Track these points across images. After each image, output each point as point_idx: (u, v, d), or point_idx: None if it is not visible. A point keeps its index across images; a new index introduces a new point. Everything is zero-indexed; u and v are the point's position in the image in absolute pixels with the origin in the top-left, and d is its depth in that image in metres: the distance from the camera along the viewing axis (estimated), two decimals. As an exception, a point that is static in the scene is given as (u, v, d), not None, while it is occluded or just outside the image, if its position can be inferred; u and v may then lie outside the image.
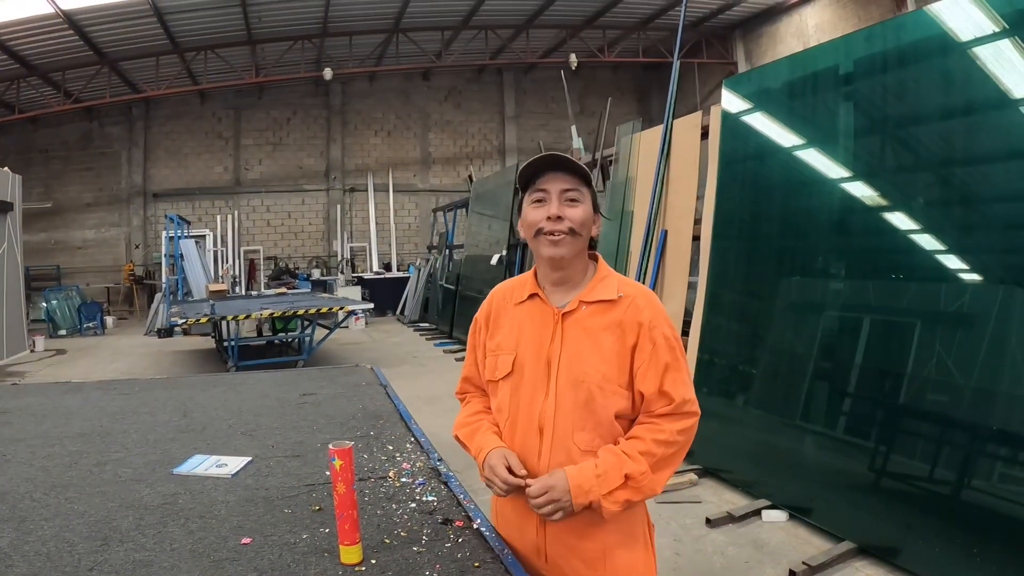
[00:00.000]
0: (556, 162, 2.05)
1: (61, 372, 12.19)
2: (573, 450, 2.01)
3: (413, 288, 19.51)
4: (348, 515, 1.86)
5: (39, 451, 3.06)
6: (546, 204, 2.03)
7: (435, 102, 24.21)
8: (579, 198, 2.03)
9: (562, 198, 2.02)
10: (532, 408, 2.07)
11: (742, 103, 6.38)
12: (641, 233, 7.80)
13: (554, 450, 2.02)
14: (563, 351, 2.04)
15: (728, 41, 20.75)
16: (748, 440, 5.75)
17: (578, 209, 2.02)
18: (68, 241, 21.97)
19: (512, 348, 2.13)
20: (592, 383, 2.00)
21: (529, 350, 2.10)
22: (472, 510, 2.23)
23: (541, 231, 2.03)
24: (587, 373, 2.00)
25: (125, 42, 17.15)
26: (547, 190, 2.03)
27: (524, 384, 2.09)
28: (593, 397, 2.00)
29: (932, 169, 4.71)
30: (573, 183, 2.03)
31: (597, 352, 2.01)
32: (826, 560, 4.38)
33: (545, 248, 2.04)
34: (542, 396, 2.05)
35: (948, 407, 4.32)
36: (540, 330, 2.09)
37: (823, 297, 5.32)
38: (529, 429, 2.07)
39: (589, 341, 2.03)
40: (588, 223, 2.06)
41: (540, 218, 2.03)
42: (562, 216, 2.00)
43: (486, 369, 2.21)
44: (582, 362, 2.02)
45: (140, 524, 2.20)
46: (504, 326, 2.19)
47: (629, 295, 2.05)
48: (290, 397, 4.03)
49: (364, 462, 2.74)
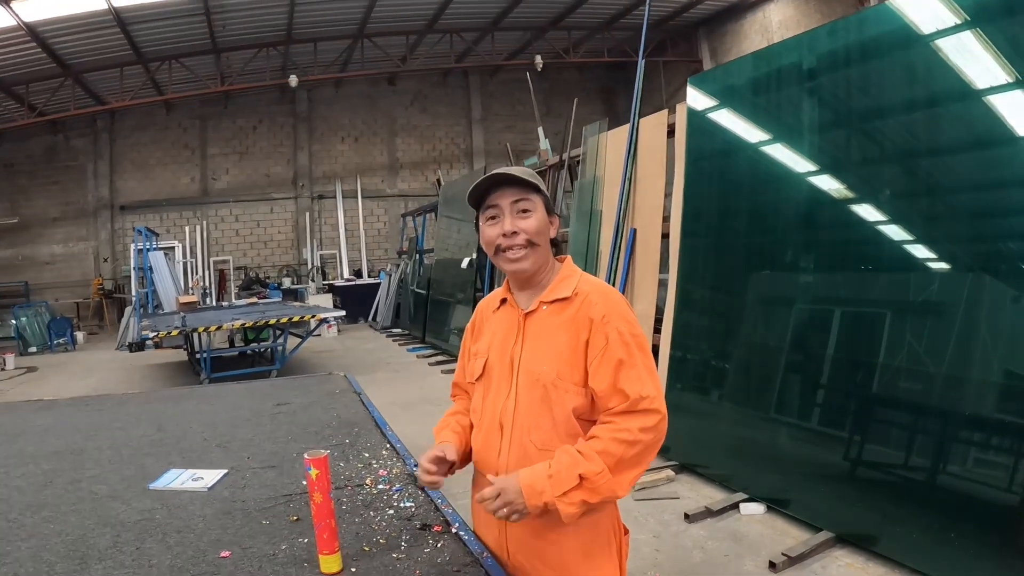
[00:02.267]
0: (501, 179, 2.06)
1: (33, 390, 12.03)
2: (530, 448, 2.01)
3: (384, 294, 19.46)
4: (326, 524, 1.86)
5: (13, 471, 3.04)
6: (499, 220, 2.05)
7: (401, 107, 24.13)
8: (530, 207, 2.05)
9: (514, 211, 2.04)
10: (495, 407, 2.10)
11: (708, 100, 6.43)
12: (610, 232, 7.83)
13: (512, 448, 2.03)
14: (523, 351, 2.07)
15: (693, 39, 20.84)
16: (724, 435, 5.80)
17: (531, 219, 2.04)
18: (36, 256, 21.62)
19: (485, 351, 2.18)
20: (547, 381, 2.00)
21: (497, 352, 2.14)
22: (450, 515, 2.24)
23: (499, 248, 2.06)
24: (542, 371, 2.01)
25: (88, 53, 16.94)
26: (498, 205, 2.05)
27: (492, 385, 2.14)
28: (548, 395, 2.00)
29: (897, 161, 4.78)
30: (522, 193, 2.05)
31: (552, 350, 2.02)
32: (805, 551, 4.43)
33: (507, 264, 2.08)
34: (504, 395, 2.08)
35: (921, 395, 4.39)
36: (507, 332, 2.14)
37: (793, 290, 5.38)
38: (492, 428, 2.10)
39: (545, 340, 2.04)
40: (544, 230, 2.07)
41: (496, 235, 2.05)
42: (516, 231, 2.03)
43: (467, 373, 2.27)
44: (539, 361, 2.03)
45: (118, 541, 2.18)
46: (483, 332, 2.25)
47: (583, 292, 2.05)
48: (264, 408, 4.02)
49: (340, 470, 2.74)
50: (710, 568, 4.47)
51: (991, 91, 4.12)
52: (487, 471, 2.09)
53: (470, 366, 2.25)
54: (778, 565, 4.32)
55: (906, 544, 4.19)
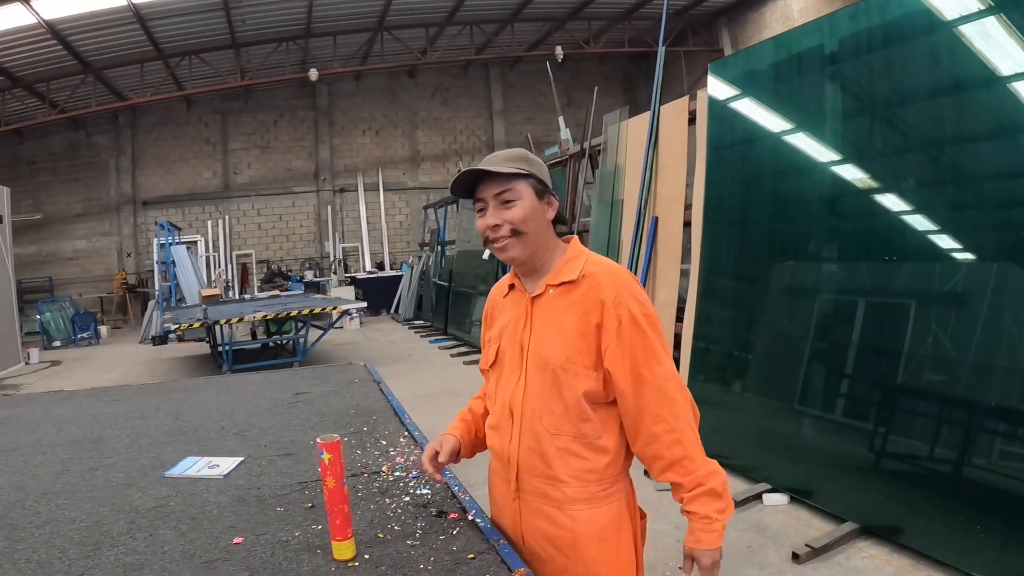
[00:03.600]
0: (477, 175, 2.04)
1: (56, 383, 12.12)
2: (541, 433, 2.00)
3: (406, 286, 19.49)
4: (339, 510, 1.83)
5: (31, 459, 3.03)
6: (485, 212, 2.04)
7: (422, 99, 24.13)
8: (513, 197, 2.00)
9: (497, 202, 2.01)
10: (506, 393, 2.09)
11: (728, 87, 6.35)
12: (632, 221, 7.77)
13: (523, 434, 2.03)
14: (532, 335, 2.05)
15: (714, 28, 20.70)
16: (747, 425, 5.73)
17: (515, 208, 2.00)
18: (59, 252, 21.85)
19: (497, 338, 2.18)
20: (556, 365, 1.98)
21: (508, 338, 2.13)
22: (467, 502, 2.20)
23: (488, 239, 2.05)
24: (552, 355, 1.99)
25: (109, 50, 17.04)
26: (483, 198, 2.03)
27: (504, 371, 2.13)
28: (558, 379, 1.98)
29: (922, 148, 4.69)
30: (504, 184, 2.00)
31: (560, 334, 2.00)
32: (829, 541, 4.36)
33: (497, 254, 2.07)
34: (515, 381, 2.07)
35: (946, 385, 4.30)
36: (517, 318, 2.12)
37: (817, 280, 5.30)
38: (503, 414, 2.09)
39: (553, 323, 2.02)
40: (532, 216, 2.02)
41: (484, 227, 2.04)
42: (499, 222, 2.00)
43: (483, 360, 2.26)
44: (547, 345, 2.01)
45: (131, 528, 2.17)
46: (496, 319, 2.24)
47: (590, 273, 2.02)
48: (283, 397, 4.00)
49: (357, 458, 2.72)
50: (732, 559, 4.40)
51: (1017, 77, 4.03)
52: (500, 458, 2.11)
53: (484, 353, 2.25)
54: (801, 556, 4.27)
55: (930, 536, 4.12)
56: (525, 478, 2.04)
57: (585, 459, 1.99)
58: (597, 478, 2.00)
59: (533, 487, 2.03)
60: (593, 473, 1.99)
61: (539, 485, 2.01)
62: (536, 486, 2.02)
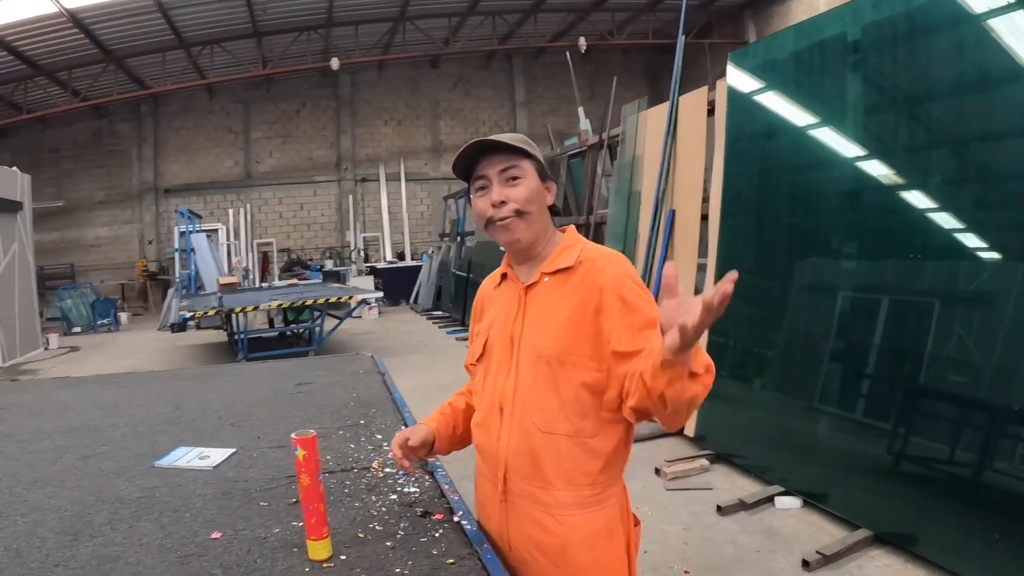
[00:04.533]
0: (485, 146, 1.94)
1: (73, 369, 12.21)
2: (532, 431, 1.89)
3: (426, 276, 19.49)
4: (314, 508, 1.75)
5: (27, 446, 3.01)
6: (488, 191, 1.93)
7: (444, 90, 24.12)
8: (519, 174, 1.92)
9: (501, 179, 1.92)
10: (495, 388, 1.98)
11: (748, 77, 6.22)
12: (649, 214, 7.67)
13: (512, 431, 1.92)
14: (524, 327, 1.95)
15: (739, 21, 20.51)
16: (762, 424, 5.62)
17: (520, 187, 1.91)
18: (81, 239, 22.08)
19: (485, 331, 2.08)
20: (551, 357, 1.87)
21: (497, 330, 2.03)
22: (455, 502, 2.12)
23: (491, 220, 1.94)
24: (546, 347, 1.88)
25: (130, 39, 17.13)
26: (486, 175, 1.93)
27: (492, 365, 2.02)
28: (553, 372, 1.87)
29: (947, 143, 4.54)
30: (509, 160, 1.92)
31: (555, 324, 1.89)
32: (841, 549, 4.26)
33: (498, 235, 1.96)
34: (504, 375, 1.96)
35: (968, 388, 4.16)
36: (507, 309, 2.02)
37: (837, 277, 5.17)
38: (491, 410, 1.99)
39: (548, 313, 1.91)
40: (535, 197, 1.94)
41: (486, 206, 1.93)
42: (505, 200, 1.90)
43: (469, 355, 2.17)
44: (541, 336, 1.90)
45: (113, 519, 2.13)
46: (487, 311, 2.14)
47: (587, 259, 1.93)
48: (285, 387, 3.94)
49: (350, 451, 2.66)
50: (740, 564, 4.32)
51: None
52: (487, 457, 2.01)
53: (471, 348, 2.16)
54: (812, 564, 4.16)
55: (947, 545, 4.00)
56: (513, 480, 1.93)
57: (578, 461, 1.87)
58: (590, 482, 1.89)
59: (521, 490, 1.92)
60: (586, 476, 1.88)
61: (528, 488, 1.91)
62: (524, 489, 1.91)
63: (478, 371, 2.10)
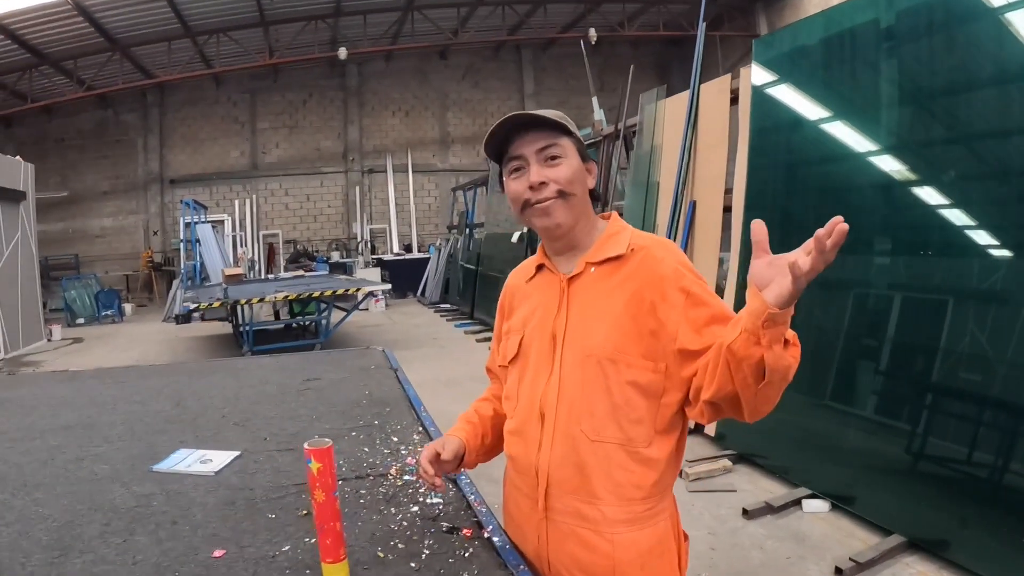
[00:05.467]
0: (522, 122, 1.72)
1: (75, 360, 12.07)
2: (579, 439, 1.68)
3: (433, 269, 19.35)
4: (330, 528, 1.54)
5: (18, 445, 2.83)
6: (525, 172, 1.72)
7: (453, 81, 23.97)
8: (560, 153, 1.71)
9: (540, 159, 1.71)
10: (534, 393, 1.76)
11: (774, 65, 5.99)
12: (668, 205, 7.46)
13: (556, 440, 1.70)
14: (568, 323, 1.73)
15: (751, 13, 20.27)
16: (786, 424, 5.41)
17: (561, 167, 1.70)
18: (86, 230, 21.99)
19: (520, 328, 1.86)
20: (602, 356, 1.66)
21: (536, 327, 1.81)
22: (484, 515, 1.90)
23: (528, 203, 1.72)
24: (596, 345, 1.67)
25: (136, 27, 16.98)
26: (522, 155, 1.72)
27: (529, 366, 1.80)
28: (604, 373, 1.66)
29: (984, 137, 4.31)
30: (549, 138, 1.71)
31: (607, 318, 1.68)
32: (875, 556, 4.06)
33: (537, 220, 1.74)
34: (545, 378, 1.74)
35: (999, 387, 3.95)
36: (547, 303, 1.80)
37: (867, 273, 4.95)
38: (529, 417, 1.77)
39: (597, 307, 1.71)
40: (578, 178, 1.73)
41: (523, 189, 1.72)
42: (545, 181, 1.69)
43: (500, 355, 1.94)
44: (589, 333, 1.70)
45: (105, 531, 1.94)
46: (518, 307, 1.91)
47: (640, 247, 1.72)
48: (292, 383, 3.75)
49: (364, 456, 2.46)
50: (770, 571, 4.12)
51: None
52: (524, 469, 1.79)
53: (503, 346, 1.92)
54: (845, 572, 3.97)
55: (985, 552, 3.80)
56: (556, 495, 1.71)
57: (631, 472, 1.67)
58: (643, 495, 1.68)
59: (565, 505, 1.70)
60: (639, 490, 1.68)
61: (572, 503, 1.69)
62: (569, 504, 1.70)
63: (511, 373, 1.88)
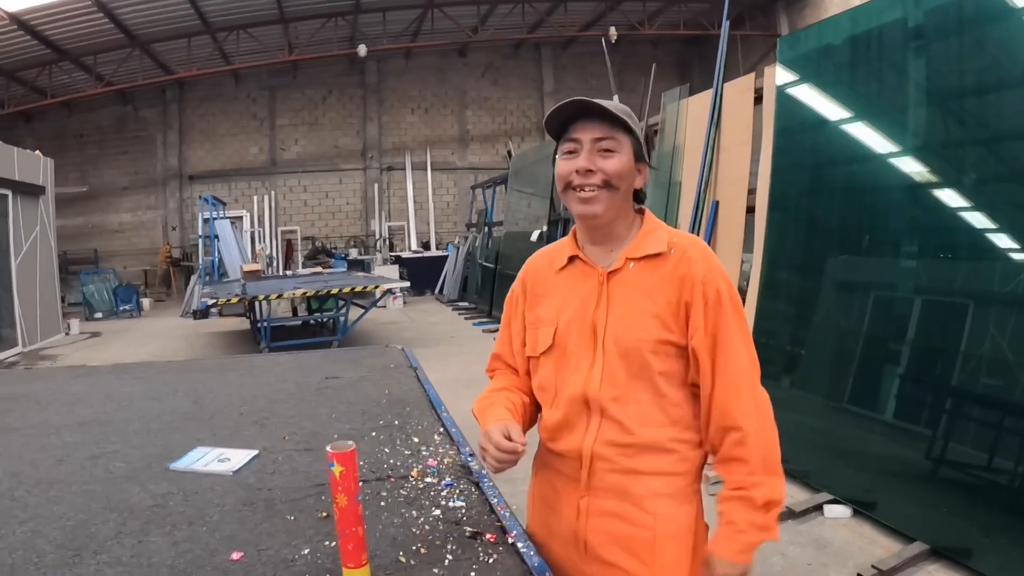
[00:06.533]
0: (586, 108, 1.77)
1: (93, 354, 12.12)
2: (625, 423, 1.76)
3: (452, 267, 19.33)
4: (351, 533, 1.49)
5: (33, 442, 2.80)
6: (577, 155, 1.78)
7: (472, 79, 23.95)
8: (614, 147, 1.76)
9: (594, 148, 1.76)
10: (577, 380, 1.81)
11: (799, 64, 5.92)
12: (690, 205, 7.40)
13: (603, 426, 1.78)
14: (610, 315, 1.79)
15: (771, 13, 20.15)
16: (808, 427, 5.34)
17: (613, 159, 1.76)
18: (105, 225, 22.13)
19: (553, 319, 1.89)
20: (646, 349, 1.74)
21: (572, 318, 1.85)
22: (507, 519, 1.85)
23: (570, 185, 1.79)
24: (639, 339, 1.75)
25: (155, 23, 17.04)
26: (578, 139, 1.78)
27: (568, 356, 1.85)
28: (648, 365, 1.75)
29: (1005, 140, 4.24)
30: (608, 131, 1.76)
31: (648, 314, 1.76)
32: (897, 563, 3.98)
33: (576, 205, 1.81)
34: (587, 367, 1.80)
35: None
36: (584, 295, 1.85)
37: (893, 276, 4.90)
38: (572, 403, 1.82)
39: (638, 302, 1.78)
40: (626, 174, 1.79)
41: (570, 171, 1.78)
42: (593, 168, 1.75)
43: (527, 345, 1.97)
44: (633, 326, 1.76)
45: (120, 532, 1.90)
46: (544, 296, 1.94)
47: (680, 246, 1.80)
48: (311, 381, 3.71)
49: (384, 457, 2.41)
50: (792, 577, 4.05)
51: None
52: (566, 452, 1.84)
53: (532, 336, 1.94)
54: (868, 580, 3.89)
55: (1006, 560, 3.71)
56: (600, 474, 1.78)
57: (674, 452, 1.78)
58: (684, 471, 1.80)
59: (609, 483, 1.78)
60: (684, 463, 1.80)
61: (617, 480, 1.77)
62: (613, 482, 1.78)
63: (542, 364, 1.92)
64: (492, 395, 2.02)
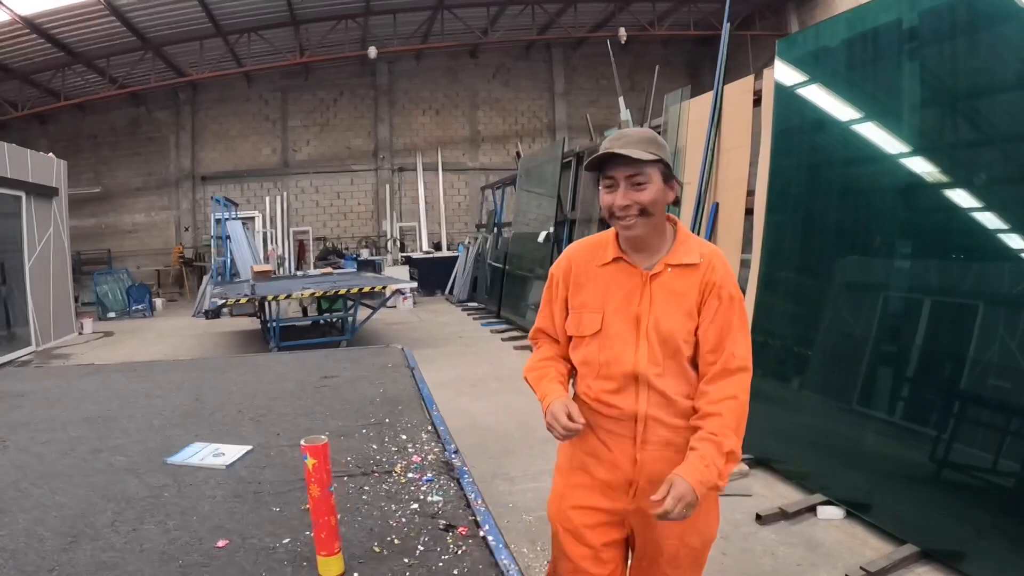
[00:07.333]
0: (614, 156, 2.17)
1: (105, 354, 12.23)
2: (668, 391, 2.23)
3: (462, 267, 19.37)
4: (324, 522, 1.59)
5: (39, 436, 2.93)
6: (615, 190, 2.19)
7: (483, 80, 23.94)
8: (644, 181, 2.17)
9: (628, 183, 2.17)
10: (626, 358, 2.26)
11: (797, 66, 5.96)
12: (691, 207, 7.45)
13: (651, 395, 2.24)
14: (652, 310, 2.25)
15: (782, 12, 20.10)
16: (804, 428, 5.39)
17: (645, 192, 2.17)
18: (118, 225, 22.23)
19: (599, 307, 2.32)
20: (679, 338, 2.22)
21: (617, 309, 2.29)
22: (482, 514, 1.95)
23: (614, 215, 2.22)
24: (674, 330, 2.22)
25: (167, 26, 17.16)
26: (614, 177, 2.19)
27: (612, 339, 2.29)
28: (680, 350, 2.23)
29: (1005, 139, 4.26)
30: (637, 168, 2.15)
31: (682, 311, 2.24)
32: (886, 565, 4.01)
33: (621, 230, 2.26)
34: (632, 349, 2.26)
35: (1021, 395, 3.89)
36: (628, 291, 2.29)
37: (888, 277, 4.90)
38: (624, 377, 2.26)
39: (675, 301, 2.24)
40: (659, 199, 2.20)
41: (611, 203, 2.21)
42: (629, 203, 2.17)
43: (570, 325, 2.40)
44: (669, 320, 2.23)
45: (116, 520, 2.02)
46: (587, 285, 2.37)
47: (707, 256, 2.26)
48: (310, 380, 3.81)
49: (372, 453, 2.51)
50: (781, 577, 4.11)
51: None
52: (621, 416, 2.28)
53: (576, 319, 2.37)
54: (854, 581, 3.93)
55: (1001, 565, 3.73)
56: (653, 430, 2.25)
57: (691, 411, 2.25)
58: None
59: (660, 437, 2.25)
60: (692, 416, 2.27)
61: (666, 434, 2.25)
62: (663, 436, 2.25)
63: (588, 344, 2.34)
64: (542, 365, 2.45)
